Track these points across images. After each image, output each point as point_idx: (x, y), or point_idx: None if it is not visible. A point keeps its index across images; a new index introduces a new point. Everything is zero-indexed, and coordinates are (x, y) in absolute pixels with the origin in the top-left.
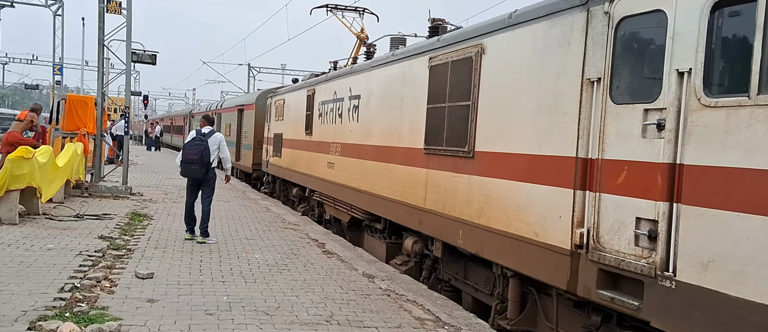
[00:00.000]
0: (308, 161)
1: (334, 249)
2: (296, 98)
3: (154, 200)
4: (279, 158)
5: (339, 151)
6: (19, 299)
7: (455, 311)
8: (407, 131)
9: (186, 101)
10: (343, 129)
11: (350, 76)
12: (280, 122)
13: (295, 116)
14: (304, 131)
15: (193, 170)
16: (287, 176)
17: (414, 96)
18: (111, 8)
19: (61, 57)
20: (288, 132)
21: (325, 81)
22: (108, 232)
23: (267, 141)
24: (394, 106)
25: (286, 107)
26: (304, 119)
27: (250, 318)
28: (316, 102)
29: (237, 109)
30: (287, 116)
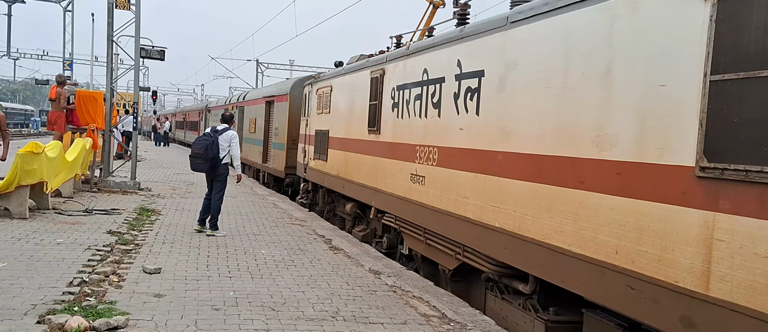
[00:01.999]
0: (374, 169)
1: (340, 244)
2: (351, 84)
3: (162, 195)
4: (323, 161)
5: (434, 158)
6: (29, 293)
7: (461, 307)
8: (633, 128)
9: (195, 96)
10: (442, 125)
11: (458, 43)
12: (325, 116)
13: (349, 107)
14: (367, 128)
15: (198, 163)
16: (337, 187)
17: (661, 61)
18: (120, 4)
19: (71, 53)
20: (338, 128)
21: (405, 56)
22: (116, 227)
23: (305, 140)
24: (589, 83)
25: (335, 97)
26: (367, 112)
27: (257, 313)
28: (386, 87)
29: (264, 101)
30: (337, 107)
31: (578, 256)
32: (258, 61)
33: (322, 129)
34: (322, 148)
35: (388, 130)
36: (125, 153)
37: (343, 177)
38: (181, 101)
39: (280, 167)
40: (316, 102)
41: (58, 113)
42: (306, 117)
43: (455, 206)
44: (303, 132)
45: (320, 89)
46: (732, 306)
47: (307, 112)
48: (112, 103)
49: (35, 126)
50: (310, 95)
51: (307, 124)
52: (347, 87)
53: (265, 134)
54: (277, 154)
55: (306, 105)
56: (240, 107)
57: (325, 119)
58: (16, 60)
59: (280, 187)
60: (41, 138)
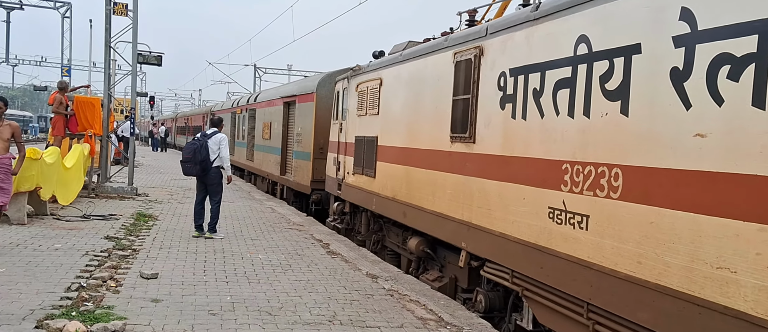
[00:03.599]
0: (463, 193)
1: (338, 249)
2: (417, 74)
3: (159, 200)
4: (369, 178)
5: (614, 186)
6: (27, 298)
7: (458, 311)
8: None
9: (192, 101)
10: (635, 130)
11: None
12: (371, 119)
13: (413, 105)
14: (449, 134)
15: (188, 167)
16: (391, 213)
17: None
18: (117, 10)
19: (69, 59)
20: (393, 135)
21: (527, 23)
22: (114, 232)
23: (338, 148)
24: None
25: (388, 92)
26: (448, 111)
27: (253, 318)
28: (488, 73)
29: (282, 102)
30: (390, 106)
31: None
32: (256, 66)
33: (367, 136)
34: (367, 160)
35: (493, 137)
36: (123, 159)
37: (402, 201)
38: (179, 106)
39: (305, 180)
40: (356, 101)
41: (57, 118)
42: (339, 121)
43: (686, 282)
44: (335, 139)
45: (363, 84)
46: None
47: (340, 114)
48: (110, 109)
49: (34, 132)
50: (347, 93)
51: (342, 129)
52: (409, 79)
53: (284, 140)
54: (299, 165)
55: (339, 106)
56: (250, 109)
57: (372, 122)
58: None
59: (302, 203)
60: (40, 144)
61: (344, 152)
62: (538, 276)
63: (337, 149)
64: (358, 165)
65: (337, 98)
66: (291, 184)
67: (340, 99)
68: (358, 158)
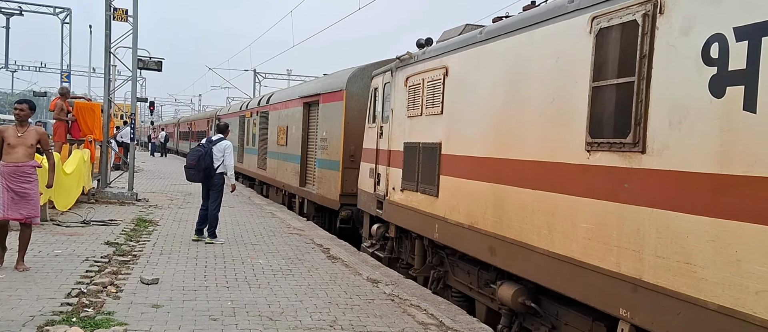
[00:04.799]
0: (619, 232)
1: (338, 254)
2: (512, 55)
3: (159, 205)
4: (427, 196)
5: None
6: (27, 304)
7: (458, 315)
8: None
9: (192, 106)
10: None
11: None
12: (430, 120)
13: (504, 99)
14: (588, 141)
15: (192, 174)
16: (472, 248)
17: None
18: (117, 16)
19: (69, 64)
20: (469, 140)
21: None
22: (114, 238)
23: (377, 157)
24: None
25: (457, 84)
26: (585, 104)
27: (254, 323)
28: (677, 42)
29: (301, 102)
30: (460, 103)
31: None
32: (255, 71)
33: (424, 142)
34: (424, 173)
35: (692, 142)
36: (123, 164)
37: (487, 232)
38: (179, 111)
39: (331, 194)
40: (404, 98)
41: (58, 124)
42: (378, 123)
43: None
44: (372, 146)
45: (416, 76)
46: None
47: (379, 115)
48: (110, 114)
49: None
50: (391, 89)
51: (383, 134)
52: (498, 63)
53: (303, 146)
54: (325, 176)
55: (377, 105)
56: (262, 112)
57: (431, 124)
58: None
59: (327, 220)
60: None
61: (387, 162)
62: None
63: (376, 158)
64: (410, 179)
65: (374, 96)
66: (313, 197)
67: (378, 97)
68: (409, 170)
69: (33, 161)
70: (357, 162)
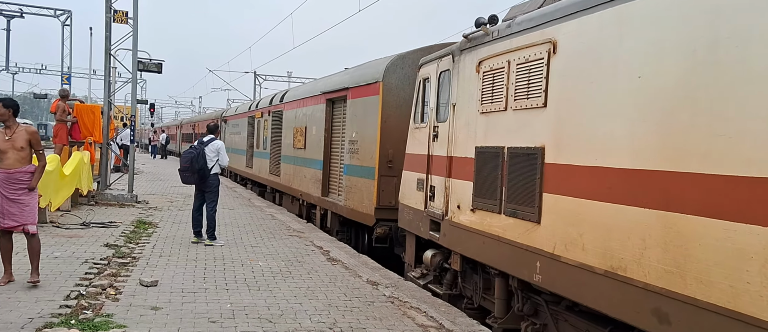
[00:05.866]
0: None
1: (338, 256)
2: (696, 13)
3: (159, 207)
4: (520, 220)
5: None
6: (26, 306)
7: (458, 318)
8: None
9: (192, 108)
10: None
11: None
12: (523, 117)
13: (676, 83)
14: None
15: (186, 176)
16: (613, 305)
17: None
18: (118, 18)
19: (69, 66)
20: (597, 144)
21: None
22: (113, 240)
23: (431, 165)
24: None
25: (571, 66)
26: None
27: (254, 325)
28: None
29: (324, 99)
30: (579, 92)
31: None
32: (256, 73)
33: (512, 146)
34: (514, 189)
35: None
36: (123, 166)
37: (647, 285)
38: (179, 113)
39: (364, 206)
40: (477, 89)
41: (59, 126)
42: (431, 123)
43: None
44: (421, 151)
45: (497, 58)
46: None
47: (430, 112)
48: (110, 116)
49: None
50: (452, 78)
51: (437, 135)
52: (669, 26)
53: (326, 150)
54: (355, 185)
55: (427, 100)
56: (275, 112)
57: (523, 122)
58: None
59: (353, 236)
60: None
61: (446, 172)
62: None
63: (427, 167)
64: (486, 196)
65: (423, 89)
66: (340, 210)
67: (430, 90)
68: (484, 183)
69: (27, 166)
70: (396, 169)
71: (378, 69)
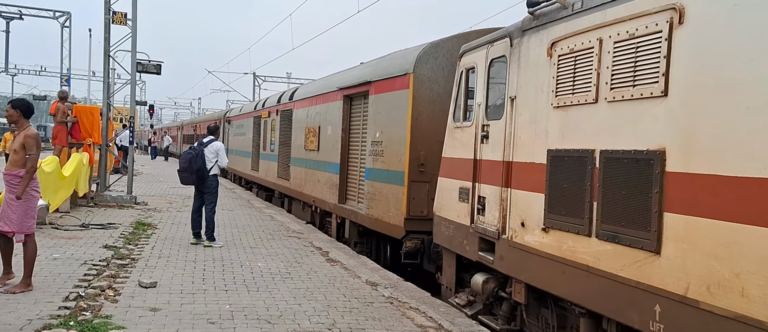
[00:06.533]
0: None
1: (337, 257)
2: None
3: (158, 209)
4: (632, 249)
5: None
6: (25, 308)
7: (457, 318)
8: None
9: (192, 110)
10: None
11: None
12: (626, 110)
13: None
14: None
15: (185, 177)
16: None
17: None
18: (117, 19)
19: (69, 68)
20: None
21: None
22: (112, 241)
23: (478, 172)
24: None
25: (726, 35)
26: None
27: (253, 326)
28: None
29: (341, 95)
30: (750, 68)
31: None
32: (255, 74)
33: (605, 149)
34: (612, 205)
35: None
36: (122, 168)
37: None
38: (179, 114)
39: (392, 216)
40: (547, 77)
41: (59, 127)
42: (477, 120)
43: None
44: (465, 154)
45: (577, 36)
46: None
47: (478, 108)
48: (109, 117)
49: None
50: (510, 66)
51: (488, 135)
52: None
53: (343, 152)
54: (379, 191)
55: (475, 93)
56: (284, 111)
57: (623, 118)
58: (14, 76)
59: (374, 248)
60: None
61: (503, 181)
62: None
63: (475, 173)
64: (567, 213)
65: (465, 81)
66: (361, 219)
67: (477, 83)
68: (560, 195)
69: (18, 170)
70: (429, 174)
71: (407, 59)
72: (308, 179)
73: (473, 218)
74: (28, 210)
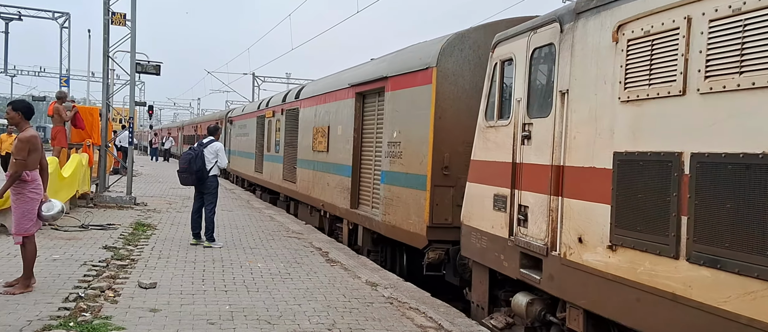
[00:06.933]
0: None
1: (337, 257)
2: None
3: (157, 209)
4: (752, 281)
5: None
6: (25, 309)
7: (457, 318)
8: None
9: (191, 110)
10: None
11: None
12: (741, 102)
13: None
14: None
15: (184, 178)
16: None
17: None
18: (116, 20)
19: (68, 69)
20: None
21: None
22: (112, 242)
23: (518, 177)
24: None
25: None
26: None
27: (252, 327)
28: None
29: (353, 92)
30: None
31: None
32: (254, 74)
33: (699, 153)
34: (704, 221)
35: None
36: (121, 168)
37: None
38: (178, 115)
39: (412, 223)
40: (612, 67)
41: (58, 128)
42: (517, 118)
43: None
44: (501, 156)
45: (660, 14)
46: None
47: (517, 103)
48: (108, 118)
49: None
50: (560, 55)
51: (531, 136)
52: None
53: (356, 153)
54: (398, 196)
55: (513, 88)
56: (289, 110)
57: (727, 111)
58: (13, 77)
59: (388, 256)
60: None
61: (552, 188)
62: None
63: (514, 178)
64: (644, 229)
65: (500, 74)
66: (377, 225)
67: (517, 75)
68: (633, 207)
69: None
70: (454, 178)
71: (429, 52)
72: (317, 182)
73: (512, 229)
74: (26, 213)
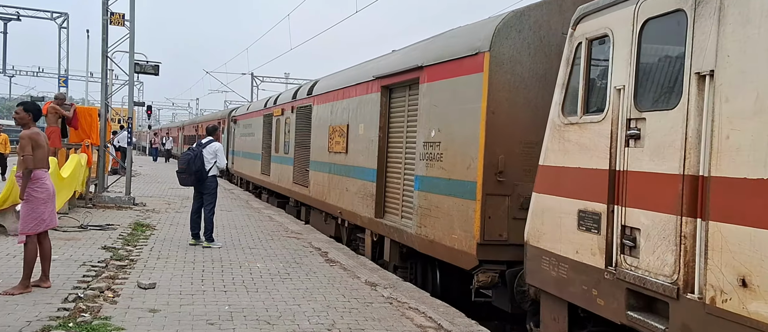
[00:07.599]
0: None
1: (336, 257)
2: None
3: (157, 210)
4: None
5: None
6: (24, 309)
7: (457, 318)
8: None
9: (190, 110)
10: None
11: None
12: None
13: None
14: None
15: (183, 178)
16: None
17: None
18: (114, 20)
19: (67, 69)
20: None
21: None
22: (111, 242)
23: (622, 190)
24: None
25: None
26: None
27: (252, 327)
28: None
29: (378, 86)
30: None
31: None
32: (253, 74)
33: None
34: None
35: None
36: (120, 169)
37: None
38: (177, 115)
39: (457, 240)
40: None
41: (52, 128)
42: (615, 113)
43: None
44: (593, 163)
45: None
46: None
47: (611, 94)
48: (107, 118)
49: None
50: (692, 24)
51: (641, 135)
52: None
53: (382, 155)
54: (438, 206)
55: (611, 74)
56: (301, 108)
57: None
58: (12, 77)
59: (418, 274)
60: None
61: (679, 206)
62: None
63: (614, 191)
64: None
65: (587, 57)
66: (409, 239)
67: (615, 57)
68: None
69: (19, 172)
70: (510, 185)
71: (479, 35)
72: (333, 187)
73: (613, 257)
74: (31, 212)
